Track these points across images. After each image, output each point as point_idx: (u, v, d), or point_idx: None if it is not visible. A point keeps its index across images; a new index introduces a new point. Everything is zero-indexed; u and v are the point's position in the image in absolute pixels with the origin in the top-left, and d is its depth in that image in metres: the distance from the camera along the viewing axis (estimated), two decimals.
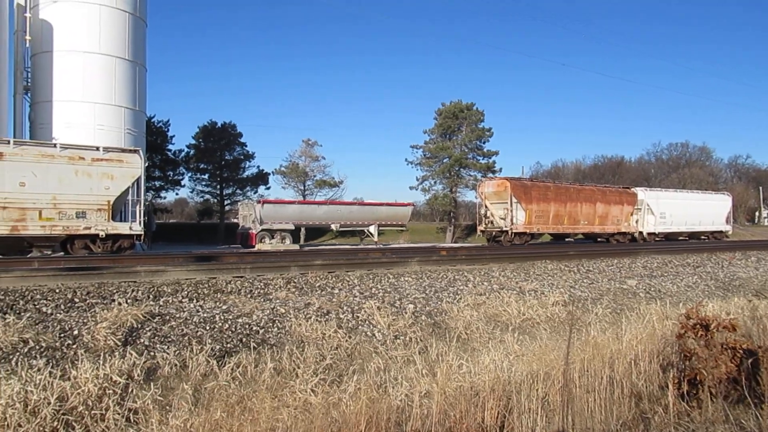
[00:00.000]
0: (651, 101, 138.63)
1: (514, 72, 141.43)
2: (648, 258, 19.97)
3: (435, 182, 54.06)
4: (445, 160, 52.76)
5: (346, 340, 8.81)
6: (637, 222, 37.30)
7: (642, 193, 38.46)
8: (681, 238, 40.09)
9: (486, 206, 33.23)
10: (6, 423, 5.72)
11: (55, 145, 20.66)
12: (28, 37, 28.64)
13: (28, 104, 29.70)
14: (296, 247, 32.26)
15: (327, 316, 9.54)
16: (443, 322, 10.26)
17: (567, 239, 37.42)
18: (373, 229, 36.65)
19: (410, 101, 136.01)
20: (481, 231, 33.79)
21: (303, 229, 35.00)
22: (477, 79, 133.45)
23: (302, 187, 54.06)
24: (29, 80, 29.46)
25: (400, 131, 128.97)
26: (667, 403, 5.87)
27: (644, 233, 37.28)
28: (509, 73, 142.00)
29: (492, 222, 32.81)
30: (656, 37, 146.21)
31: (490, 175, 48.84)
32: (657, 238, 37.91)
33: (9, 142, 19.83)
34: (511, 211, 31.54)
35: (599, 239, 36.93)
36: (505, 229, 31.62)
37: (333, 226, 36.13)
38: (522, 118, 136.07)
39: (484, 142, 53.81)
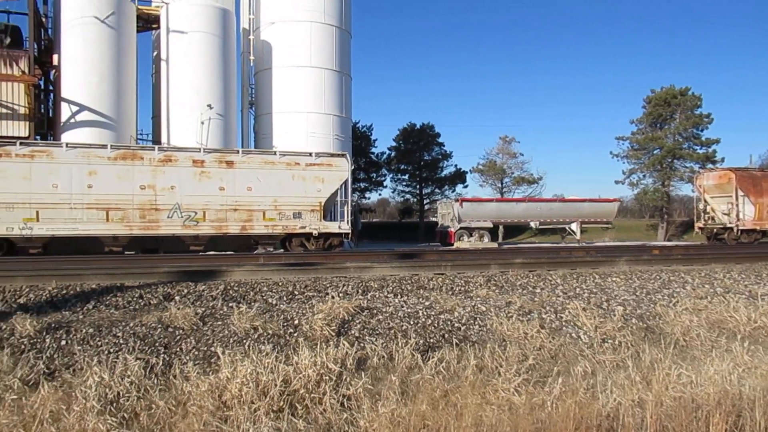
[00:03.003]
0: None
1: (737, 53, 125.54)
2: None
3: (644, 176, 50.18)
4: (655, 152, 48.71)
5: (550, 341, 8.56)
6: None
7: None
8: None
9: (705, 201, 30.13)
10: (242, 399, 6.49)
11: (275, 153, 22.96)
12: (251, 57, 32.29)
13: (252, 117, 33.51)
14: (495, 245, 32.09)
15: (529, 316, 9.35)
16: (657, 326, 9.50)
17: None
18: (575, 226, 35.16)
19: (614, 90, 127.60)
20: (700, 228, 30.69)
21: (501, 227, 34.69)
22: (693, 63, 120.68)
23: (500, 185, 53.62)
24: (253, 95, 33.20)
25: (603, 122, 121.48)
26: None
27: None
28: (731, 54, 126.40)
29: (713, 218, 29.65)
30: None
31: (710, 166, 44.09)
32: None
33: (238, 152, 22.52)
34: (737, 205, 28.23)
35: None
36: (729, 225, 28.39)
37: (532, 224, 35.35)
38: (748, 102, 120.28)
39: (701, 130, 48.69)
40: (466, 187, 52.12)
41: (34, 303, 8.93)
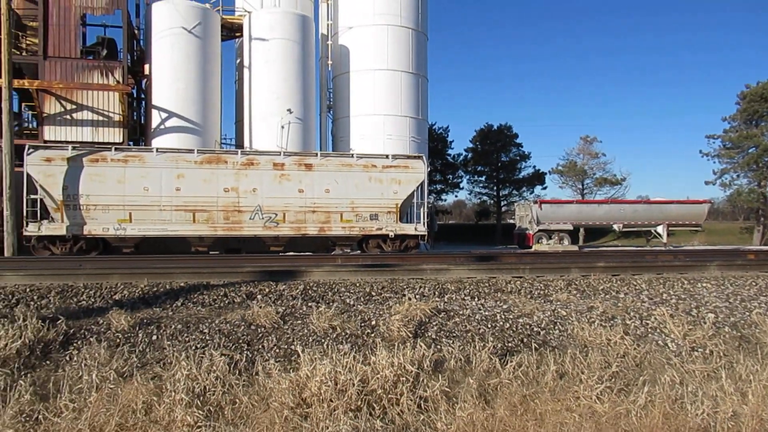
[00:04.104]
0: None
1: None
2: None
3: (738, 175, 47.32)
4: (750, 150, 45.85)
5: (634, 348, 8.23)
6: None
7: None
8: None
9: None
10: (321, 397, 6.62)
11: (352, 155, 23.30)
12: (329, 62, 32.93)
13: (330, 120, 34.17)
14: (575, 248, 31.24)
15: (612, 321, 9.03)
16: (753, 336, 8.94)
17: None
18: (661, 229, 33.68)
19: (704, 86, 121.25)
20: None
21: (582, 230, 33.78)
22: None
23: (580, 186, 52.08)
24: (331, 99, 33.85)
25: (691, 120, 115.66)
26: None
27: None
28: None
29: None
30: None
31: None
32: None
33: (317, 155, 22.99)
34: None
35: None
36: None
37: (615, 227, 34.15)
38: None
39: None
40: (544, 188, 51.12)
41: (127, 299, 9.45)
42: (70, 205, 20.08)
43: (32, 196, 19.97)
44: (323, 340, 7.97)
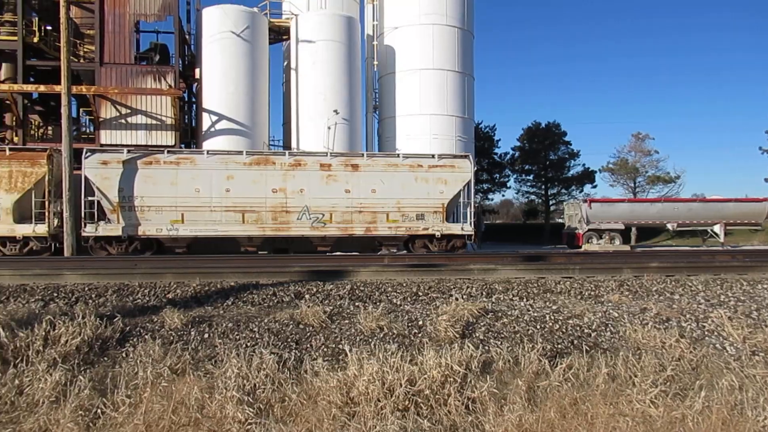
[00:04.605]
0: None
1: None
2: None
3: None
4: None
5: (690, 352, 7.97)
6: None
7: None
8: None
9: None
10: (368, 396, 6.65)
11: (398, 155, 23.32)
12: (375, 62, 33.04)
13: (376, 121, 34.26)
14: (627, 248, 30.46)
15: (666, 324, 8.77)
16: None
17: None
18: (718, 228, 32.51)
19: (762, 82, 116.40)
20: None
21: (634, 229, 32.82)
22: None
23: (632, 185, 50.71)
24: (377, 100, 33.95)
25: (749, 116, 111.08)
26: None
27: None
28: None
29: None
30: None
31: None
32: None
33: (363, 155, 23.10)
34: None
35: None
36: None
37: (669, 226, 33.16)
38: None
39: None
40: (594, 187, 49.97)
41: (180, 298, 9.70)
42: (125, 206, 20.74)
43: (90, 198, 20.70)
44: (370, 340, 8.00)
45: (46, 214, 20.90)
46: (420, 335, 8.25)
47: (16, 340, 7.49)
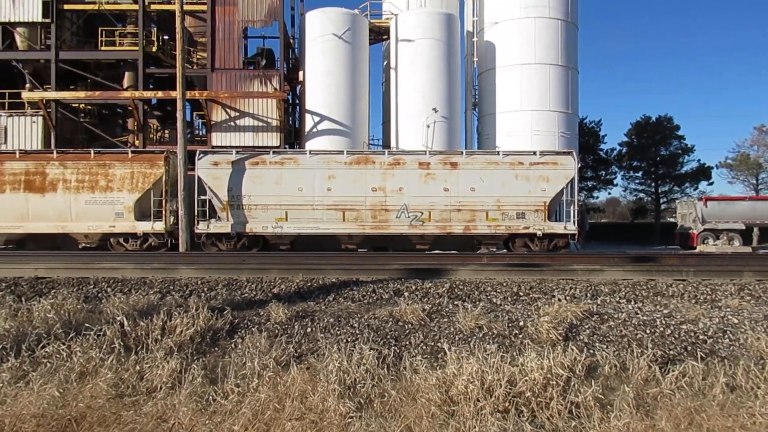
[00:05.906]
0: None
1: None
2: None
3: None
4: None
5: None
6: None
7: None
8: None
9: None
10: (468, 396, 6.59)
11: (498, 153, 22.91)
12: (475, 59, 32.65)
13: (476, 118, 33.88)
14: (748, 249, 28.29)
15: None
16: None
17: None
18: None
19: None
20: None
21: (756, 230, 30.42)
22: None
23: (754, 181, 47.06)
24: (477, 97, 33.56)
25: None
26: None
27: None
28: None
29: None
30: None
31: None
32: None
33: (462, 153, 22.91)
34: None
35: None
36: None
37: None
38: None
39: None
40: (711, 184, 46.86)
41: (285, 293, 10.06)
42: (234, 205, 21.78)
43: (202, 197, 21.91)
44: (469, 339, 7.93)
45: (163, 212, 22.35)
46: (521, 336, 8.08)
47: (138, 329, 8.07)
